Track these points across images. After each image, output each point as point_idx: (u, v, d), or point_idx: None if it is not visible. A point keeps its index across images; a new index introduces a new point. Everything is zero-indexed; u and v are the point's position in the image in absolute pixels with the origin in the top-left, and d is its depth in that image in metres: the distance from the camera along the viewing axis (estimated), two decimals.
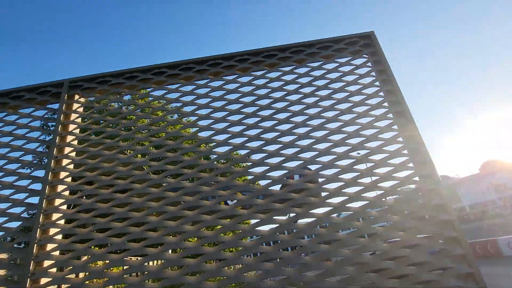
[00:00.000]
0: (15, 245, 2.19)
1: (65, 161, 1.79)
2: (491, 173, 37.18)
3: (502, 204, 33.66)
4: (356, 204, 1.51)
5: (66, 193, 1.70)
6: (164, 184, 1.68)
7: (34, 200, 1.67)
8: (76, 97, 2.03)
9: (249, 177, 1.65)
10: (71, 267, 1.46)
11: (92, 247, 1.53)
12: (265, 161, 1.66)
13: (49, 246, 1.55)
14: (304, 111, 1.79)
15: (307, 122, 1.76)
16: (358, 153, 1.69)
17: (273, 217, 1.50)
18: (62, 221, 1.64)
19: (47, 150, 1.80)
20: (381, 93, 1.82)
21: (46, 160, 1.76)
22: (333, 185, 1.57)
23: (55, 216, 1.62)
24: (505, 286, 7.45)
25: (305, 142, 1.70)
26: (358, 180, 1.56)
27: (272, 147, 1.70)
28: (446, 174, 44.85)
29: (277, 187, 1.63)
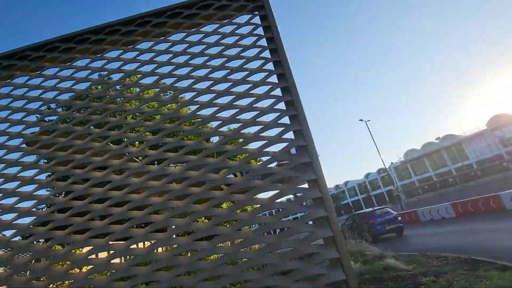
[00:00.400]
0: None
1: None
2: (498, 128, 36.22)
3: (509, 158, 33.10)
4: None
5: None
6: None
7: None
8: None
9: None
10: None
11: None
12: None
13: None
14: (175, 85, 1.56)
15: (178, 97, 1.53)
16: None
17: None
18: None
19: None
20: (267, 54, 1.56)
21: None
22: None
23: None
24: (504, 242, 7.24)
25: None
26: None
27: None
28: (453, 133, 43.82)
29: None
